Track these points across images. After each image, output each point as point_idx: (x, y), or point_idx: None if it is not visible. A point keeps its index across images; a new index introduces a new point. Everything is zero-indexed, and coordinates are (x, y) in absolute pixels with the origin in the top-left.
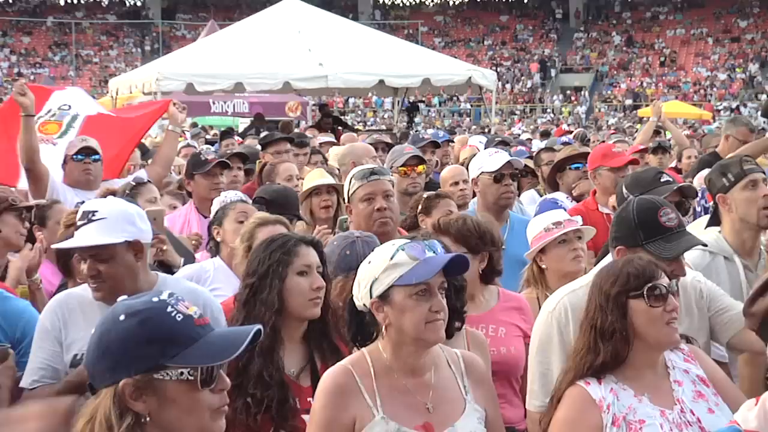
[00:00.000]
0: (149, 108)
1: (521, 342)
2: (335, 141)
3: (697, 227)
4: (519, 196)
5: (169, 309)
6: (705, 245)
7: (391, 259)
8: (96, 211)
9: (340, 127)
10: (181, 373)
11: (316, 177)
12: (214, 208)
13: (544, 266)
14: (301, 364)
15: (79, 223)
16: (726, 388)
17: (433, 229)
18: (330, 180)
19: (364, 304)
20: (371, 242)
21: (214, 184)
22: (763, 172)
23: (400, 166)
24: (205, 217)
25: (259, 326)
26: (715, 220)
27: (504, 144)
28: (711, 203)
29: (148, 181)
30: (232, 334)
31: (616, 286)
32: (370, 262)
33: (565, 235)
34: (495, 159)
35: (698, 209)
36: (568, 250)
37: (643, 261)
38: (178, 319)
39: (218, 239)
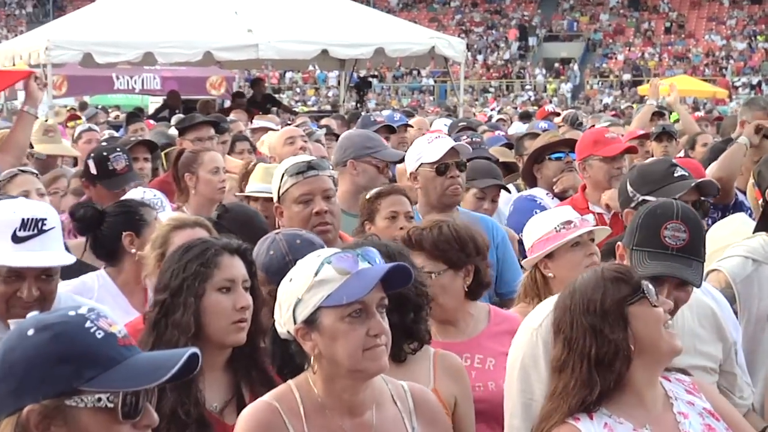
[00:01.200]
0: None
1: None
2: (273, 127)
3: (731, 227)
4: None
5: (88, 324)
6: (696, 285)
7: (316, 275)
8: (45, 219)
9: (274, 108)
10: (99, 399)
11: (260, 178)
12: None
13: (550, 274)
14: (225, 397)
15: (26, 233)
16: (738, 424)
17: (403, 243)
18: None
19: (288, 331)
20: (304, 239)
21: (117, 197)
22: None
23: (388, 161)
24: None
25: (194, 349)
26: (764, 224)
27: (469, 129)
28: (761, 201)
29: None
30: (161, 357)
31: (610, 297)
32: (291, 280)
33: (579, 237)
34: (436, 146)
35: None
36: (584, 256)
37: (619, 265)
38: (99, 336)
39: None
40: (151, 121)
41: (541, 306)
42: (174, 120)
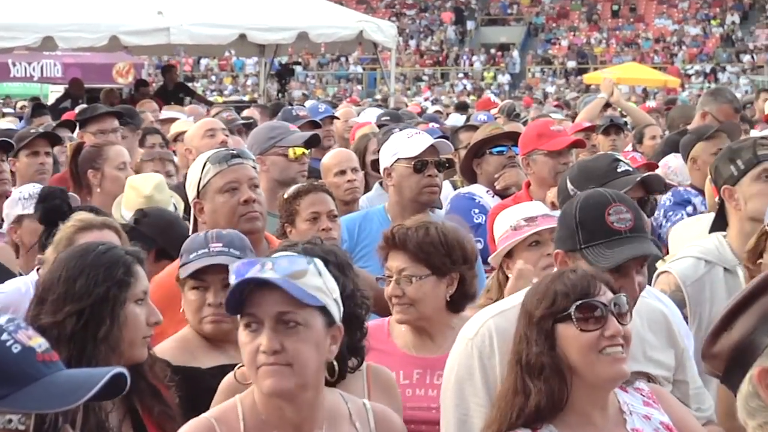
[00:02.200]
0: None
1: None
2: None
3: (693, 229)
4: None
5: (5, 337)
6: (659, 256)
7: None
8: None
9: (187, 97)
10: (9, 421)
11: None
12: (6, 210)
13: (510, 274)
14: (119, 415)
15: None
16: None
17: (385, 242)
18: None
19: None
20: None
21: None
22: None
23: (293, 146)
24: None
25: (120, 369)
26: (720, 223)
27: (397, 120)
28: (717, 198)
29: None
30: (83, 375)
31: (542, 308)
32: None
33: (537, 235)
34: (415, 142)
35: (665, 208)
36: (541, 255)
37: (577, 274)
38: (15, 350)
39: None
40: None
41: (477, 315)
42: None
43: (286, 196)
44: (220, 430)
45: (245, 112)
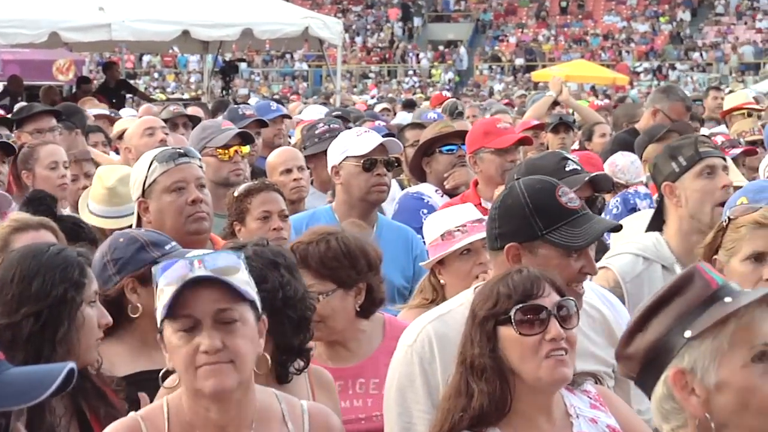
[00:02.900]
0: None
1: None
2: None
3: (633, 226)
4: None
5: None
6: (620, 227)
7: (157, 285)
8: None
9: (129, 95)
10: None
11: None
12: None
13: (443, 281)
14: (66, 417)
15: None
16: None
17: None
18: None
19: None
20: (128, 238)
21: None
22: (724, 158)
23: (219, 147)
24: None
25: (72, 364)
26: (657, 222)
27: (343, 119)
28: (656, 196)
29: None
30: (38, 373)
31: (485, 309)
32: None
33: (469, 245)
34: (364, 140)
35: (613, 206)
36: (473, 264)
37: (522, 275)
38: None
39: None
40: None
41: (416, 321)
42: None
43: (236, 194)
44: (146, 429)
45: (189, 110)
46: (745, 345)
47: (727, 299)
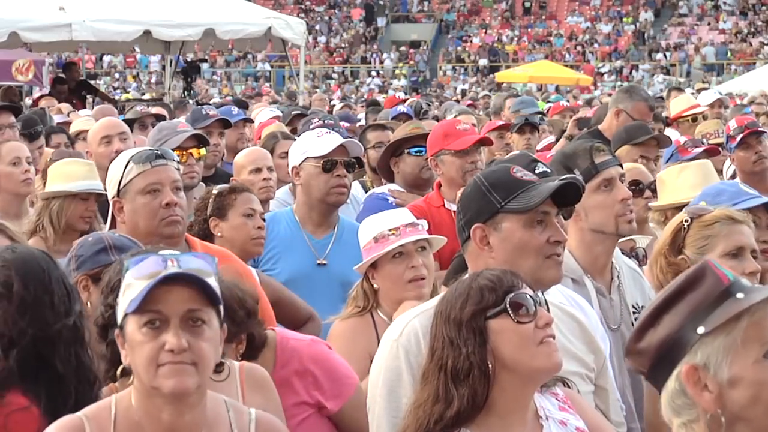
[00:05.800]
0: None
1: (319, 424)
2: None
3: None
4: None
5: None
6: (580, 183)
7: (123, 279)
8: None
9: (89, 96)
10: None
11: (79, 174)
12: None
13: (376, 286)
14: None
15: None
16: None
17: None
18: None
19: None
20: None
21: None
22: (620, 165)
23: (173, 149)
24: None
25: None
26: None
27: (302, 117)
28: None
29: None
30: None
31: (469, 306)
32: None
33: (401, 248)
34: (324, 141)
35: None
36: (406, 268)
37: (495, 270)
38: None
39: None
40: None
41: (404, 315)
42: None
43: (215, 191)
44: (90, 429)
45: (153, 110)
46: (758, 341)
47: (740, 295)
